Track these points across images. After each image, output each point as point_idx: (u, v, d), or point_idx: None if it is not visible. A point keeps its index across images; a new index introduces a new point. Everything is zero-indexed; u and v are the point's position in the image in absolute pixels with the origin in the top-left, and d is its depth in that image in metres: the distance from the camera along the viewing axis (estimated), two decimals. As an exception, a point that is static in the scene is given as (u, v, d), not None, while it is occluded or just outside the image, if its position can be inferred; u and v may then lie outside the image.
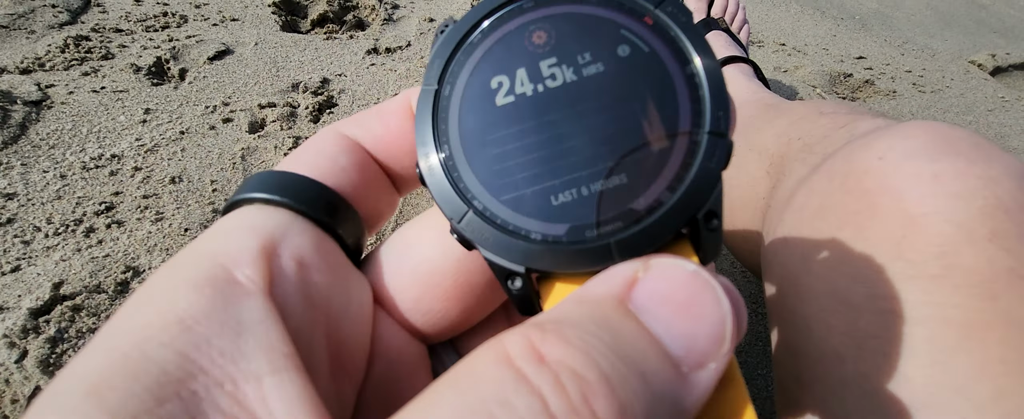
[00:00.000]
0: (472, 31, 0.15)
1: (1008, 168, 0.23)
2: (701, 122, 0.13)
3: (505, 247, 0.13)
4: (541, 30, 0.14)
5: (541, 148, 0.13)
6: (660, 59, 0.14)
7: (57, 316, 0.48)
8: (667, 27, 0.14)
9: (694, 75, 0.13)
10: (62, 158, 0.68)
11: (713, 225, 0.13)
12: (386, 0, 1.20)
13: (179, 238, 0.60)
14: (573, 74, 0.14)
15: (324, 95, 0.88)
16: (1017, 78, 1.43)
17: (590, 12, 0.14)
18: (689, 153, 0.13)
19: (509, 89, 0.14)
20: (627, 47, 0.14)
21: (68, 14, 0.98)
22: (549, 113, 0.13)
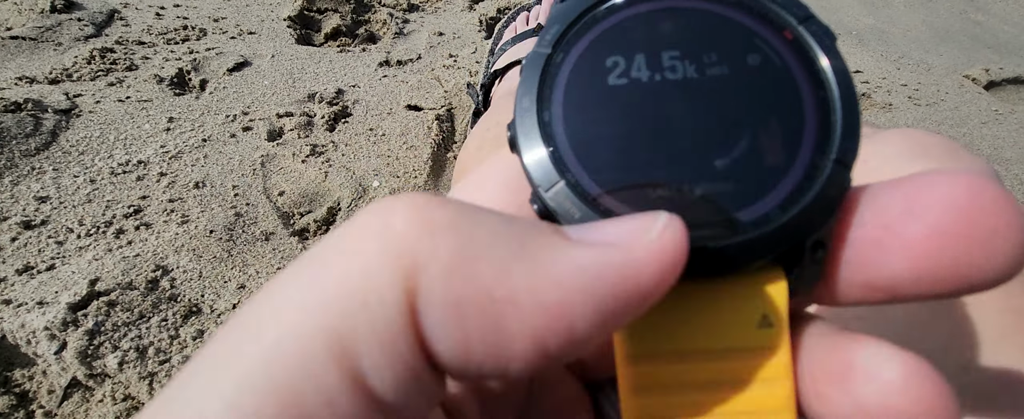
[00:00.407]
0: (598, 4, 0.14)
1: (974, 169, 0.26)
2: (828, 149, 0.12)
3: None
4: (669, 20, 0.14)
5: (647, 137, 0.13)
6: (792, 75, 0.13)
7: (94, 310, 0.50)
8: (807, 46, 0.13)
9: (827, 99, 0.13)
10: (91, 164, 0.71)
11: (818, 256, 0.12)
12: (397, 15, 1.25)
13: (204, 239, 0.63)
14: (695, 71, 0.13)
15: (339, 105, 0.91)
16: (1010, 92, 1.46)
17: (725, 13, 0.14)
18: (808, 176, 0.12)
19: (624, 71, 0.13)
20: (758, 56, 0.13)
21: (93, 27, 1.02)
22: (661, 104, 0.13)
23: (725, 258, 0.12)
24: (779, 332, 0.12)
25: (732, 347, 0.13)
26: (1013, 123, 1.28)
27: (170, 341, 0.51)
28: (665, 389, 0.13)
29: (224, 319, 0.55)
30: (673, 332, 0.13)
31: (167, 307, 0.54)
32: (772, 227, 0.12)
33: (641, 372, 0.13)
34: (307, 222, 0.70)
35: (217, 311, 0.55)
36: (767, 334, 0.12)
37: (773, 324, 0.12)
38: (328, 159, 0.80)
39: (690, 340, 0.13)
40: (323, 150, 0.82)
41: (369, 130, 0.88)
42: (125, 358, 0.48)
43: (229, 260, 0.62)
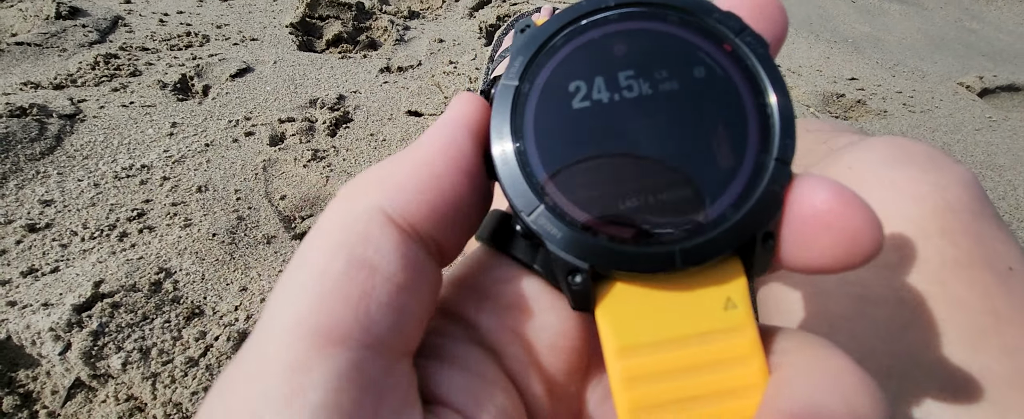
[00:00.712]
0: (555, 35, 0.15)
1: (956, 175, 0.27)
2: (769, 148, 0.14)
3: (572, 243, 0.14)
4: (622, 42, 0.15)
5: (612, 153, 0.14)
6: (734, 85, 0.14)
7: (98, 312, 0.51)
8: (745, 56, 0.15)
9: (766, 105, 0.14)
10: (95, 168, 0.72)
11: (768, 245, 0.14)
12: (398, 22, 1.26)
13: (207, 242, 0.64)
14: (649, 88, 0.15)
15: (340, 111, 0.93)
16: (1004, 99, 1.48)
17: (671, 31, 0.15)
18: (755, 175, 0.14)
19: (586, 94, 0.15)
20: (703, 69, 0.15)
21: (97, 33, 1.03)
22: (622, 121, 0.14)
23: (694, 256, 0.14)
24: (744, 311, 0.14)
25: (705, 330, 0.14)
26: (1007, 130, 1.30)
27: (173, 342, 0.52)
28: (652, 378, 0.14)
29: (226, 321, 0.55)
30: (653, 325, 0.14)
31: (170, 309, 0.55)
32: (729, 225, 0.14)
33: (629, 365, 0.14)
34: (308, 226, 0.71)
35: (219, 313, 0.56)
36: (734, 314, 0.14)
37: (738, 305, 0.14)
38: (329, 164, 0.81)
39: (668, 329, 0.14)
40: (324, 155, 0.83)
41: (370, 135, 0.89)
42: (129, 359, 0.49)
43: (231, 263, 0.62)
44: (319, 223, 0.15)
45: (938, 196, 0.26)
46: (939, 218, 0.26)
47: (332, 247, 0.14)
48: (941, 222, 0.26)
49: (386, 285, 0.13)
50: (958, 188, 0.27)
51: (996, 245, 0.25)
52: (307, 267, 0.14)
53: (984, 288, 0.24)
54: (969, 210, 0.26)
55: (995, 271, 0.25)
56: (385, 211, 0.14)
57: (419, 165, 0.15)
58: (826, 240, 0.13)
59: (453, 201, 0.15)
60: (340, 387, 0.12)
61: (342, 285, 0.13)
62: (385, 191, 0.14)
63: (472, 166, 0.15)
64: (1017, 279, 0.25)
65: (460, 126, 0.15)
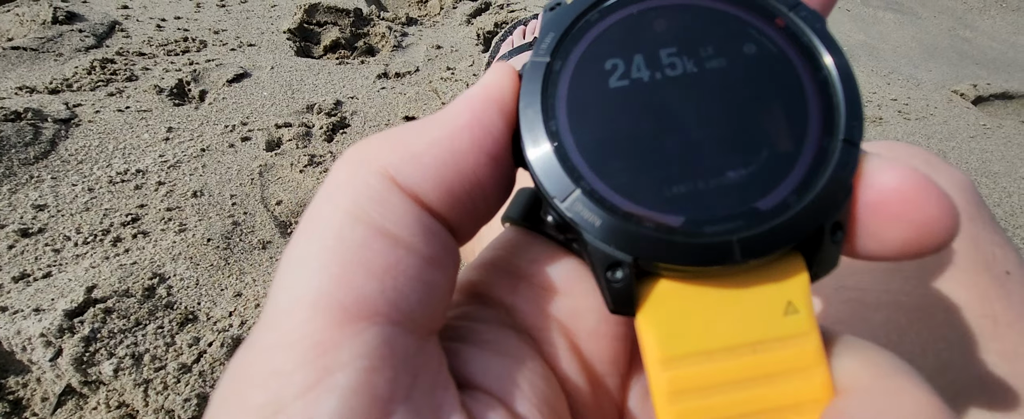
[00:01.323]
0: (589, 10, 0.14)
1: (952, 180, 0.27)
2: (834, 130, 0.12)
3: (613, 233, 0.12)
4: (662, 18, 0.14)
5: (655, 135, 0.13)
6: (790, 61, 0.13)
7: (90, 317, 0.51)
8: (800, 31, 0.13)
9: (827, 81, 0.13)
10: (90, 172, 0.72)
11: (837, 238, 0.12)
12: (396, 28, 1.26)
13: (202, 248, 0.63)
14: (694, 65, 0.13)
15: (337, 116, 0.92)
16: (998, 107, 1.49)
17: (716, 7, 0.14)
18: (819, 159, 0.12)
19: (624, 72, 0.13)
20: (754, 45, 0.13)
21: (94, 38, 1.03)
22: (666, 101, 0.13)
23: (755, 248, 0.12)
24: (806, 317, 0.12)
25: (762, 339, 0.12)
26: (1000, 137, 1.31)
27: (166, 348, 0.51)
28: (700, 392, 0.12)
29: (220, 327, 0.55)
30: (702, 331, 0.13)
31: (163, 314, 0.54)
32: (793, 213, 0.12)
33: (674, 377, 0.13)
34: (304, 231, 0.71)
35: (213, 319, 0.56)
36: (795, 321, 0.12)
37: (799, 310, 0.12)
38: (326, 169, 0.81)
39: (719, 337, 0.12)
40: (321, 160, 0.83)
41: (367, 141, 0.89)
42: (120, 365, 0.48)
43: (226, 268, 0.62)
44: (326, 188, 0.13)
45: None
46: None
47: (347, 214, 0.12)
48: None
49: (410, 257, 0.12)
50: (954, 192, 0.27)
51: (994, 249, 0.25)
52: (321, 236, 0.12)
53: (982, 292, 0.24)
54: (966, 214, 0.26)
55: (992, 275, 0.25)
56: (396, 179, 0.13)
57: (440, 139, 0.13)
58: (898, 229, 0.12)
59: (472, 184, 0.13)
60: (372, 367, 0.11)
61: (364, 256, 0.12)
62: (399, 158, 0.13)
63: (499, 149, 0.13)
64: (1015, 283, 0.24)
65: (491, 101, 0.14)
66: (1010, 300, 0.24)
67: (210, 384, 0.49)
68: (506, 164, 0.14)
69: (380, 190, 0.12)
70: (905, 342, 0.24)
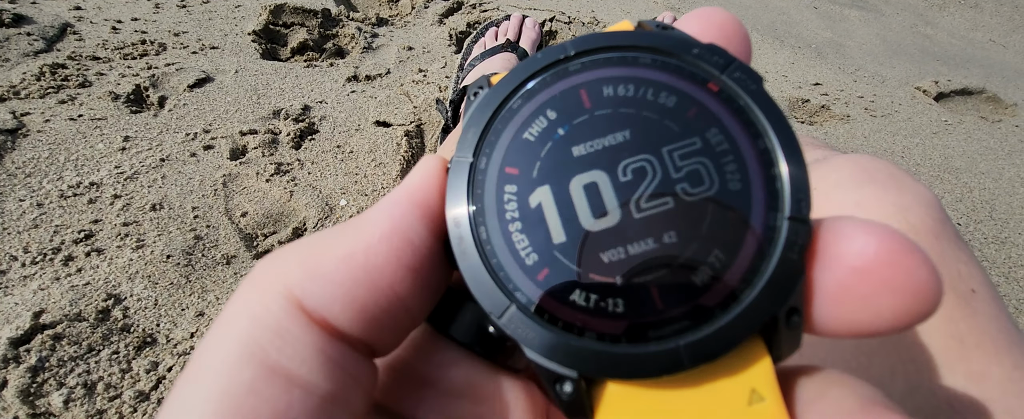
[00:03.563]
0: (511, 96, 0.13)
1: (918, 196, 0.27)
2: (778, 205, 0.11)
3: (555, 348, 0.11)
4: (587, 96, 0.13)
5: (589, 232, 0.12)
6: (728, 131, 0.12)
7: (37, 345, 0.48)
8: (735, 96, 0.12)
9: (768, 150, 0.12)
10: (39, 186, 0.68)
11: (794, 322, 0.11)
12: (366, 29, 1.24)
13: (161, 265, 0.61)
14: (624, 148, 0.12)
15: (305, 122, 0.90)
16: (958, 103, 1.54)
17: (642, 75, 0.12)
18: (765, 241, 0.11)
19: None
20: (686, 119, 0.12)
21: (44, 42, 0.98)
22: (595, 191, 0.12)
23: (704, 352, 0.11)
24: (774, 403, 0.11)
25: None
26: (961, 133, 1.35)
27: (121, 375, 0.48)
28: None
29: (181, 350, 0.52)
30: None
31: (119, 338, 0.51)
32: (742, 307, 0.11)
33: None
34: (271, 244, 0.68)
35: (173, 341, 0.53)
36: (762, 409, 0.11)
37: (765, 397, 0.11)
38: (293, 178, 0.78)
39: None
40: (289, 168, 0.80)
41: (336, 147, 0.87)
42: (71, 395, 0.46)
43: (187, 286, 0.59)
44: (224, 314, 0.12)
45: (901, 217, 0.26)
46: None
47: (237, 350, 0.11)
48: None
49: (307, 399, 0.11)
50: (920, 209, 0.26)
51: (959, 267, 0.25)
52: (206, 380, 0.11)
53: (948, 312, 0.24)
54: (932, 232, 0.26)
55: (958, 294, 0.24)
56: (301, 302, 0.11)
57: (353, 254, 0.12)
58: (890, 298, 0.10)
59: (390, 300, 0.12)
60: None
61: (251, 403, 0.10)
62: (307, 277, 0.12)
63: (421, 261, 0.12)
64: (980, 302, 0.24)
65: (414, 206, 0.12)
66: (976, 319, 0.24)
67: None
68: (430, 274, 0.13)
69: (280, 318, 0.11)
70: (874, 365, 0.24)
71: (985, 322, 0.24)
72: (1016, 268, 0.95)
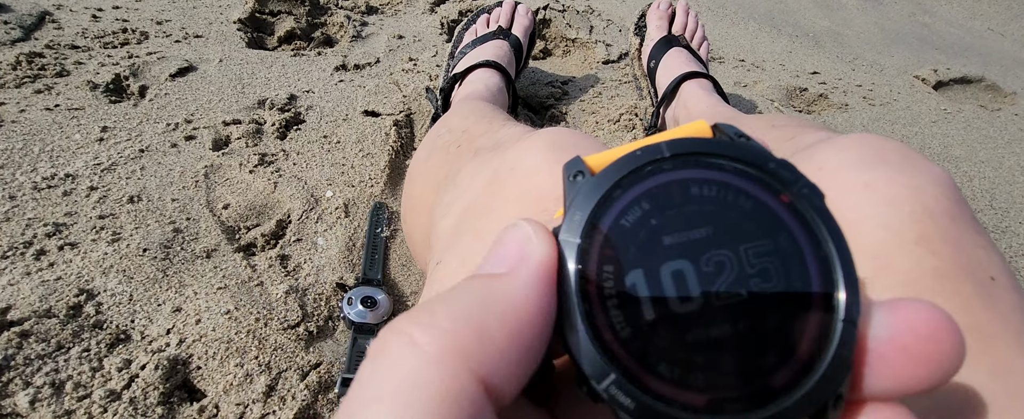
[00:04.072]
0: (615, 187, 0.14)
1: (932, 176, 0.25)
2: (835, 310, 0.13)
3: (643, 414, 0.13)
4: (677, 188, 0.14)
5: (673, 307, 0.13)
6: (795, 240, 0.14)
7: (3, 343, 0.45)
8: (803, 208, 0.14)
9: (827, 258, 0.13)
10: (11, 178, 0.66)
11: (839, 405, 0.13)
12: (355, 17, 1.21)
13: (137, 259, 0.58)
14: (714, 247, 0.14)
15: (291, 111, 0.87)
16: (957, 91, 1.52)
17: (727, 180, 0.14)
18: (822, 337, 0.13)
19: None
20: (770, 230, 0.14)
21: (21, 30, 0.95)
22: (680, 269, 0.14)
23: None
24: None
25: None
26: (960, 122, 1.33)
27: (92, 374, 0.46)
28: None
29: (155, 347, 0.50)
30: None
31: (90, 335, 0.49)
32: (802, 393, 0.13)
33: None
34: (254, 236, 0.66)
35: (148, 338, 0.51)
36: None
37: None
38: (278, 168, 0.76)
39: None
40: (273, 159, 0.78)
41: (323, 137, 0.84)
42: (38, 395, 0.43)
43: (164, 280, 0.57)
44: (384, 377, 0.11)
45: (915, 199, 0.24)
46: (916, 224, 0.24)
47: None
48: (918, 228, 0.24)
49: None
50: (935, 189, 0.24)
51: (977, 252, 0.23)
52: None
53: (966, 301, 0.22)
54: (948, 214, 0.24)
55: (976, 281, 0.23)
56: (489, 384, 0.11)
57: (519, 325, 0.12)
58: (923, 368, 0.12)
59: (533, 366, 0.13)
60: None
61: None
62: (490, 359, 0.12)
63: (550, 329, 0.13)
64: (1000, 290, 0.23)
65: (550, 278, 0.13)
66: (996, 309, 0.22)
67: (142, 412, 0.44)
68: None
69: (475, 401, 0.11)
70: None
71: (1007, 311, 0.22)
72: (1017, 257, 0.94)
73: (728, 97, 0.88)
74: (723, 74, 1.29)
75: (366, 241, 0.68)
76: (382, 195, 0.76)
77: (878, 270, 0.24)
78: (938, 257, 0.23)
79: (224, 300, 0.56)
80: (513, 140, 0.33)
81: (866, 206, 0.25)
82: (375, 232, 0.70)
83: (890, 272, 0.23)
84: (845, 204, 0.25)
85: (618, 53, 1.25)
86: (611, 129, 1.00)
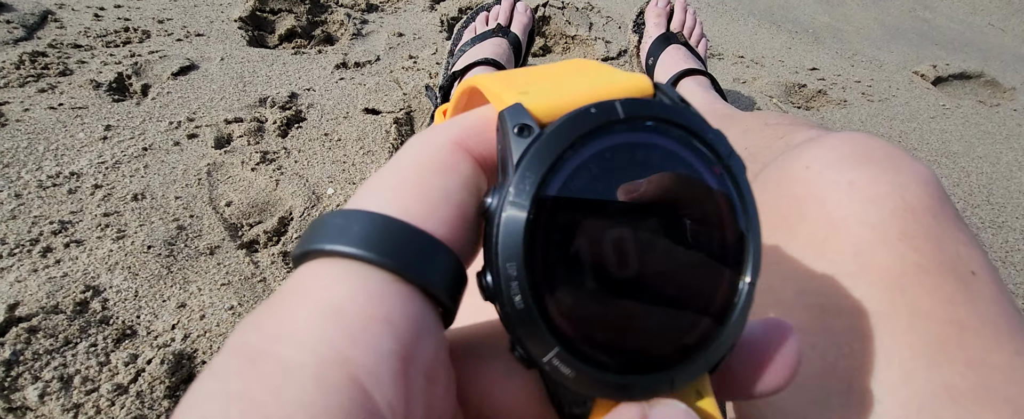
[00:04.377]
0: (566, 149, 0.14)
1: (916, 174, 0.26)
2: (746, 270, 0.14)
3: (581, 380, 0.13)
4: (627, 152, 0.14)
5: (613, 274, 0.14)
6: (720, 211, 0.14)
7: (12, 338, 0.46)
8: (730, 181, 0.15)
9: (744, 230, 0.15)
10: (17, 177, 0.66)
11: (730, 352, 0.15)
12: (355, 15, 1.21)
13: (141, 256, 0.59)
14: (652, 215, 0.14)
15: (292, 109, 0.88)
16: (956, 87, 1.52)
17: (674, 149, 0.14)
18: (732, 296, 0.14)
19: (591, 220, 0.14)
20: (702, 198, 0.15)
21: (24, 29, 0.95)
22: (623, 248, 0.14)
23: (686, 379, 0.14)
24: (709, 398, 0.15)
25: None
26: (959, 117, 1.33)
27: (99, 368, 0.47)
28: None
29: (161, 342, 0.51)
30: None
31: (97, 331, 0.50)
32: (713, 346, 0.14)
33: None
34: (256, 233, 0.67)
35: (153, 333, 0.52)
36: (704, 402, 0.15)
37: (704, 395, 0.15)
38: (280, 166, 0.77)
39: None
40: (275, 157, 0.78)
41: (324, 135, 0.85)
42: (47, 389, 0.44)
43: (169, 277, 0.58)
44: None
45: (898, 197, 0.25)
46: (899, 221, 0.24)
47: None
48: (901, 225, 0.24)
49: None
50: (918, 188, 0.25)
51: (958, 248, 0.24)
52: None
53: (946, 296, 0.23)
54: (930, 211, 0.25)
55: (957, 276, 0.23)
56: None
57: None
58: (780, 373, 0.15)
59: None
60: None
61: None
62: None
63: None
64: (980, 285, 0.23)
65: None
66: (975, 303, 0.23)
67: (149, 406, 0.45)
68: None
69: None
70: (868, 351, 0.23)
71: (985, 306, 0.23)
72: (1013, 252, 0.94)
73: (727, 94, 0.89)
74: (722, 70, 1.29)
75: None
76: (383, 192, 0.77)
77: (861, 267, 0.24)
78: (920, 253, 0.24)
79: (228, 296, 0.57)
80: None
81: (850, 204, 0.25)
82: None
83: (873, 269, 0.24)
84: (830, 202, 0.26)
85: (617, 50, 1.26)
86: (610, 126, 1.00)
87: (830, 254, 0.25)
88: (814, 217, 0.26)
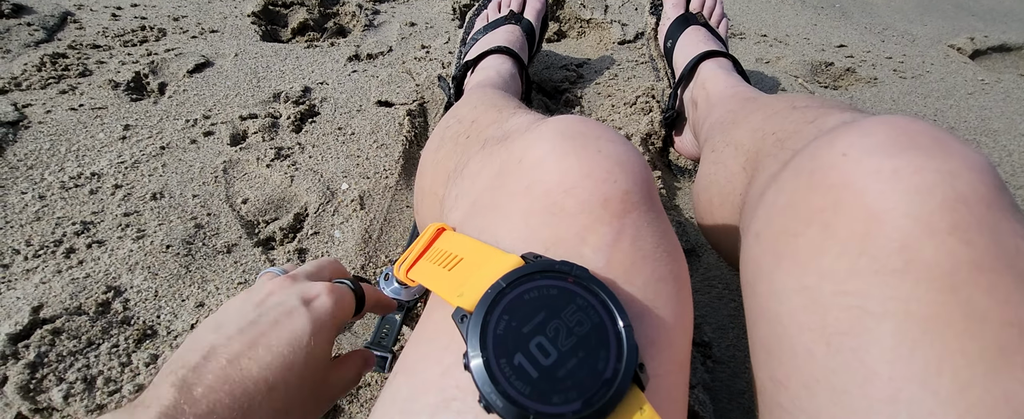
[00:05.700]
0: (490, 312, 0.23)
1: (967, 160, 0.23)
2: (619, 320, 0.23)
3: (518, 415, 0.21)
4: (519, 300, 0.23)
5: (544, 363, 0.21)
6: (587, 299, 0.23)
7: (37, 340, 0.47)
8: (583, 281, 0.23)
9: (605, 300, 0.23)
10: (40, 178, 0.68)
11: (644, 370, 0.22)
12: (367, 6, 1.20)
13: (161, 255, 0.60)
14: (565, 328, 0.22)
15: (306, 104, 0.88)
16: (996, 60, 1.44)
17: (543, 283, 0.23)
18: (619, 339, 0.22)
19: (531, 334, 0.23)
20: (585, 307, 0.23)
21: (44, 32, 0.97)
22: (539, 342, 0.22)
23: (615, 399, 0.21)
24: (650, 410, 0.22)
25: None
26: (999, 92, 1.26)
27: (121, 369, 0.48)
28: None
29: (180, 341, 0.52)
30: None
31: (119, 332, 0.51)
32: (622, 376, 0.22)
33: None
34: (273, 230, 0.67)
35: (174, 333, 0.52)
36: (647, 413, 0.22)
37: (645, 410, 0.22)
38: (294, 162, 0.77)
39: None
40: (289, 153, 0.78)
41: (338, 129, 0.84)
42: (71, 390, 0.45)
43: (187, 276, 0.58)
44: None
45: (947, 186, 0.23)
46: (950, 212, 0.22)
47: None
48: (952, 217, 0.22)
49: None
50: (970, 175, 0.23)
51: (1017, 242, 0.22)
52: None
53: (1005, 295, 0.21)
54: (984, 201, 0.22)
55: (1017, 274, 0.21)
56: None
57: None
58: None
59: None
60: None
61: None
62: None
63: None
64: (1042, 282, 0.21)
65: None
66: (1038, 303, 0.20)
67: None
68: None
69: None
70: (917, 358, 0.21)
71: (1049, 306, 0.21)
72: (1060, 235, 0.89)
73: (749, 75, 0.85)
74: (744, 50, 1.24)
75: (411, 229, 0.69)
76: (397, 186, 0.76)
77: (906, 263, 0.22)
78: (973, 248, 0.22)
79: (245, 294, 0.57)
80: (520, 130, 0.32)
81: (893, 195, 0.23)
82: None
83: (919, 265, 0.22)
84: (870, 193, 0.24)
85: (634, 33, 1.22)
86: (627, 112, 0.98)
87: (872, 250, 0.23)
88: (853, 209, 0.24)
